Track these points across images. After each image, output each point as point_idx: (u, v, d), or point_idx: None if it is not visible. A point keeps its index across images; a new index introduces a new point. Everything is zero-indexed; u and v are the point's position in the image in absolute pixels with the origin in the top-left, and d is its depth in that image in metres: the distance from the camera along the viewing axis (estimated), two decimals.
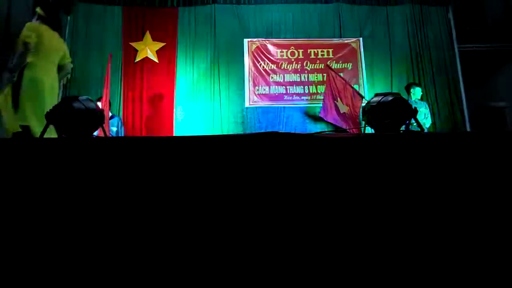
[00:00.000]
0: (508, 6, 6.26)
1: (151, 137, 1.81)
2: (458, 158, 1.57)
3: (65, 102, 1.85)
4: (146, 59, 5.69)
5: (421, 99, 5.01)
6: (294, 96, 5.79)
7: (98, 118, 1.85)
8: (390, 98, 1.85)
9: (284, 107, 5.75)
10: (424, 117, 4.83)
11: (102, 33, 5.78)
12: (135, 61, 5.68)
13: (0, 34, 5.91)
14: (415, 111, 1.75)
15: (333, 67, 5.74)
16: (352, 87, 5.17)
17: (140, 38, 5.75)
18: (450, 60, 5.97)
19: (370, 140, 1.67)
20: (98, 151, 1.57)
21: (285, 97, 5.79)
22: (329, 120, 5.12)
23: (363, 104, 1.99)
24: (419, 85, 5.10)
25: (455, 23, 6.08)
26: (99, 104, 4.87)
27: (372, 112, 1.86)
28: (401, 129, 1.85)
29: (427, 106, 4.98)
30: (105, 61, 5.51)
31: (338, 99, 5.02)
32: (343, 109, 4.99)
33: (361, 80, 5.82)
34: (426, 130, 4.78)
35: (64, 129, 1.79)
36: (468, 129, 5.64)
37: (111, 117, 4.88)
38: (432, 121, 5.17)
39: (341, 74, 5.56)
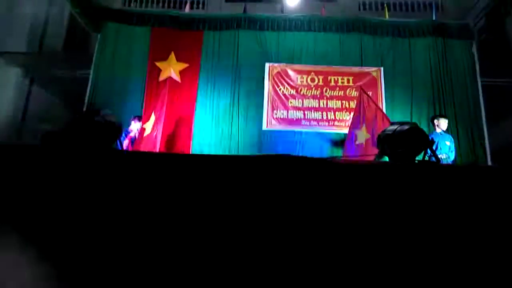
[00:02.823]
0: None
1: (161, 153, 1.84)
2: (472, 192, 1.54)
3: (87, 115, 1.91)
4: (169, 79, 5.83)
5: (447, 131, 4.89)
6: (312, 121, 5.80)
7: (115, 131, 1.90)
8: (406, 127, 1.84)
9: (301, 131, 5.76)
10: (449, 150, 4.70)
11: (129, 52, 6.00)
12: (159, 80, 5.83)
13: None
14: (431, 142, 1.73)
15: (352, 95, 5.74)
16: (383, 112, 5.05)
17: (165, 58, 5.92)
18: (472, 94, 5.89)
19: (381, 169, 1.65)
20: (114, 163, 1.61)
21: (303, 122, 5.81)
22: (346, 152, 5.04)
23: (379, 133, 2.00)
24: (445, 116, 4.97)
25: (479, 57, 6.02)
26: (134, 122, 5.05)
27: (387, 140, 1.85)
28: (416, 159, 1.83)
29: (452, 139, 4.86)
30: (131, 79, 5.72)
31: (363, 126, 4.91)
32: (362, 139, 4.91)
33: (381, 107, 5.79)
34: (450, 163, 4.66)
35: (82, 140, 1.85)
36: (490, 163, 5.49)
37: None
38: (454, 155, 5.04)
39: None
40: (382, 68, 5.96)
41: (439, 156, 4.38)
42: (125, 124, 5.00)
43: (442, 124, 4.81)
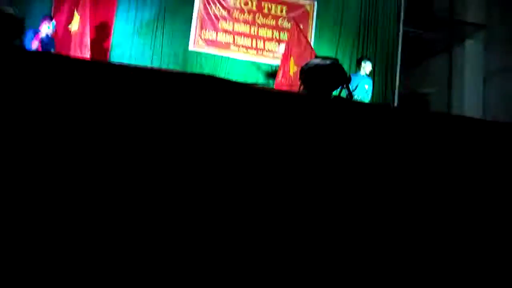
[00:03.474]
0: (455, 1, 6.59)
1: (71, 57, 1.68)
2: (377, 132, 1.68)
3: None
4: None
5: (369, 75, 5.16)
6: (240, 47, 5.69)
7: (16, 26, 1.66)
8: (328, 62, 1.89)
9: (229, 58, 5.64)
10: (366, 93, 5.01)
11: None
12: None
13: None
14: (348, 79, 1.82)
15: (284, 26, 5.69)
16: (311, 46, 5.10)
17: None
18: (393, 39, 6.21)
19: (298, 100, 1.71)
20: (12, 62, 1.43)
21: (232, 47, 5.66)
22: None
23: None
24: (370, 60, 5.22)
25: (405, 5, 6.28)
26: (45, 23, 4.35)
27: (308, 73, 1.90)
28: (333, 94, 1.92)
29: (371, 83, 5.16)
30: None
31: (291, 58, 4.95)
32: (291, 71, 4.97)
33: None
34: None
35: None
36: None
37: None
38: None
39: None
40: (315, 3, 5.92)
41: (356, 97, 4.67)
42: (32, 24, 4.36)
43: (367, 67, 5.05)
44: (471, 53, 6.35)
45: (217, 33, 5.63)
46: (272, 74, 5.66)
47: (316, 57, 2.02)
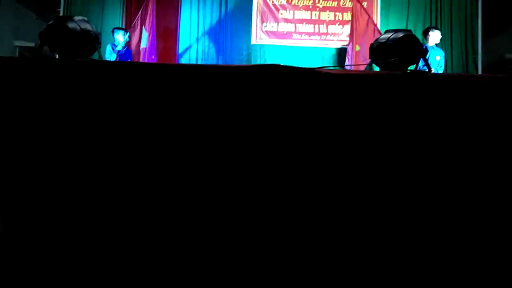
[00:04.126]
0: None
1: (144, 63, 1.74)
2: (464, 103, 1.51)
3: (59, 22, 1.77)
4: None
5: (439, 45, 4.73)
6: (303, 35, 5.56)
7: (92, 40, 1.77)
8: (400, 34, 1.74)
9: (292, 47, 5.55)
10: (438, 65, 4.59)
11: None
12: None
13: None
14: (425, 51, 1.66)
15: (346, 5, 5.44)
16: (375, 24, 4.85)
17: None
18: (471, 4, 5.62)
19: (373, 79, 1.60)
20: (92, 74, 1.53)
21: (294, 35, 5.56)
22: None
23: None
24: (438, 29, 4.75)
25: None
26: (120, 35, 4.69)
27: (380, 48, 1.77)
28: (409, 69, 1.77)
29: (443, 53, 4.71)
30: None
31: (353, 38, 4.74)
32: (353, 52, 4.77)
33: (375, 18, 5.53)
34: None
35: (57, 50, 1.73)
36: None
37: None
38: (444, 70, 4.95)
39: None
40: None
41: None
42: (104, 35, 4.69)
43: (436, 37, 4.60)
44: None
45: (278, 24, 5.57)
46: (338, 57, 5.47)
47: (386, 31, 1.88)
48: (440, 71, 4.63)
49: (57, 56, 1.81)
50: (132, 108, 1.46)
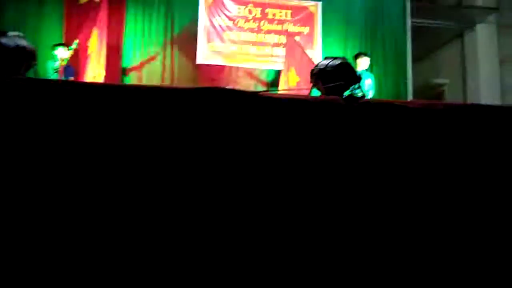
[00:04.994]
0: None
1: (81, 82, 1.70)
2: (395, 126, 1.64)
3: None
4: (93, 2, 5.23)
5: (367, 69, 5.07)
6: (248, 56, 5.70)
7: (28, 57, 1.69)
8: (337, 62, 1.87)
9: (237, 67, 5.67)
10: (369, 88, 4.93)
11: None
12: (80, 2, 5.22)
13: None
14: (359, 78, 1.80)
15: (289, 30, 5.69)
16: (308, 56, 5.11)
17: None
18: (401, 33, 6.13)
19: (313, 104, 1.69)
20: (27, 93, 1.46)
21: (239, 56, 5.68)
22: None
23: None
24: (366, 55, 5.12)
25: None
26: (62, 50, 4.40)
27: (319, 74, 1.88)
28: (345, 93, 1.89)
29: (372, 77, 5.07)
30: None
31: (291, 68, 4.95)
32: (293, 82, 4.95)
33: (316, 45, 5.83)
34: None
35: None
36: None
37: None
38: (374, 94, 5.28)
39: (298, 38, 5.53)
40: (320, 3, 5.90)
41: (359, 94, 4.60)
42: (42, 52, 4.43)
43: (365, 62, 4.93)
44: (484, 38, 6.21)
45: (223, 44, 5.66)
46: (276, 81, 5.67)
47: (325, 58, 2.00)
48: (371, 94, 4.97)
49: None
50: (69, 129, 1.41)
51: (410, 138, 1.63)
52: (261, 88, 5.64)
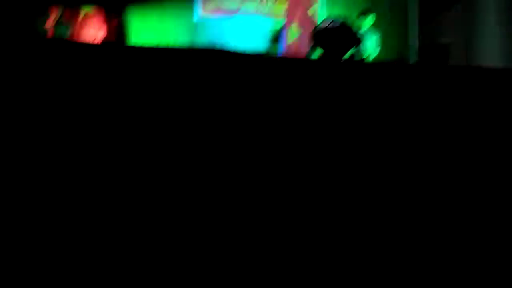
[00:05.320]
0: None
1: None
2: (397, 89, 1.63)
3: None
4: None
5: (372, 28, 4.96)
6: (247, 12, 5.56)
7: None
8: (337, 24, 1.84)
9: (237, 21, 5.56)
10: (373, 48, 4.84)
11: None
12: None
13: None
14: (358, 41, 1.78)
15: None
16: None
17: None
18: None
19: (312, 65, 1.68)
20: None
21: (238, 12, 5.55)
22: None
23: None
24: (371, 12, 4.97)
25: None
26: None
27: (318, 37, 1.86)
28: (344, 57, 1.88)
29: (377, 36, 4.96)
30: None
31: (294, 23, 4.82)
32: (293, 37, 4.84)
33: (318, 1, 5.65)
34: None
35: None
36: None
37: None
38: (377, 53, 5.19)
39: None
40: None
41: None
42: None
43: (368, 21, 4.83)
44: None
45: (223, 0, 5.51)
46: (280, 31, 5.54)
47: (325, 19, 1.97)
48: (374, 53, 4.89)
49: None
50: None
51: (412, 101, 1.63)
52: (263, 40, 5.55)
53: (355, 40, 1.80)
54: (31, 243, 1.26)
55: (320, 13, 5.42)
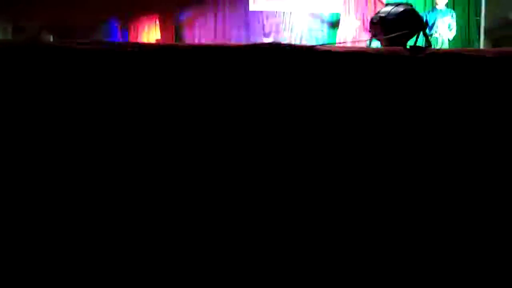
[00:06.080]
0: None
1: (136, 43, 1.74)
2: (465, 81, 1.52)
3: None
4: None
5: (447, 6, 4.66)
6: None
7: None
8: (401, 9, 1.73)
9: (290, 12, 5.45)
10: (449, 28, 4.55)
11: None
12: None
13: None
14: (424, 26, 1.66)
15: None
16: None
17: None
18: None
19: (374, 56, 1.60)
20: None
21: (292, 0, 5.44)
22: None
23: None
24: None
25: None
26: None
27: (380, 23, 1.76)
28: (409, 42, 1.77)
29: (453, 14, 4.64)
30: None
31: (351, 12, 4.62)
32: (352, 26, 4.63)
33: None
34: (447, 42, 4.54)
35: None
36: (482, 42, 5.38)
37: None
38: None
39: None
40: None
41: (435, 35, 4.27)
42: None
43: (442, 0, 4.56)
44: None
45: None
46: (336, 22, 5.38)
47: (387, 4, 1.86)
48: (450, 33, 4.57)
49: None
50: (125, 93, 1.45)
51: (483, 93, 1.50)
52: (316, 31, 5.41)
53: (419, 25, 1.68)
54: (32, 243, 1.29)
55: None
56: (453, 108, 1.44)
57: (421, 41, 1.89)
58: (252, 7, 5.41)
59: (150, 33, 4.89)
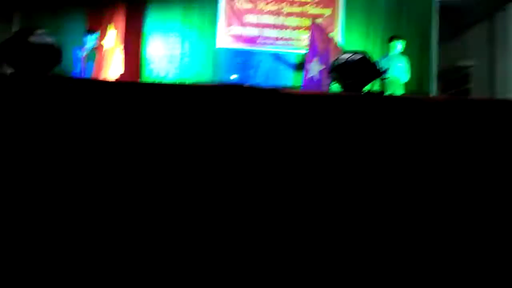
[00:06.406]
0: None
1: (100, 80, 1.75)
2: (419, 125, 1.62)
3: (20, 35, 1.73)
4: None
5: (402, 52, 4.99)
6: (268, 39, 5.64)
7: (55, 55, 1.75)
8: (358, 56, 1.85)
9: (257, 51, 5.63)
10: (402, 72, 4.86)
11: None
12: None
13: None
14: (379, 73, 1.78)
15: (310, 13, 5.58)
16: (334, 41, 4.99)
17: None
18: (428, 13, 5.91)
19: (332, 99, 1.69)
20: (53, 91, 1.51)
21: (259, 40, 5.63)
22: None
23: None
24: (401, 38, 5.02)
25: None
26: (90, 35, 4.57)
27: (339, 69, 1.87)
28: (364, 89, 1.88)
29: (406, 60, 4.98)
30: None
31: (316, 58, 4.85)
32: (315, 71, 4.85)
33: (338, 28, 5.70)
34: (401, 86, 4.83)
35: (17, 65, 1.69)
36: (434, 87, 5.77)
37: None
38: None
39: (319, 20, 5.41)
40: None
41: (388, 78, 4.54)
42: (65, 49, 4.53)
43: (398, 45, 4.90)
44: None
45: (243, 28, 5.62)
46: (302, 63, 5.60)
47: (345, 52, 1.98)
48: (404, 76, 4.89)
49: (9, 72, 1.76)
50: (90, 127, 1.45)
51: (430, 135, 1.61)
52: (281, 71, 5.61)
53: (375, 72, 1.80)
54: (32, 243, 1.26)
55: (339, 41, 5.46)
56: (406, 149, 1.53)
57: (377, 86, 2.01)
58: (218, 44, 5.55)
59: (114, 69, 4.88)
